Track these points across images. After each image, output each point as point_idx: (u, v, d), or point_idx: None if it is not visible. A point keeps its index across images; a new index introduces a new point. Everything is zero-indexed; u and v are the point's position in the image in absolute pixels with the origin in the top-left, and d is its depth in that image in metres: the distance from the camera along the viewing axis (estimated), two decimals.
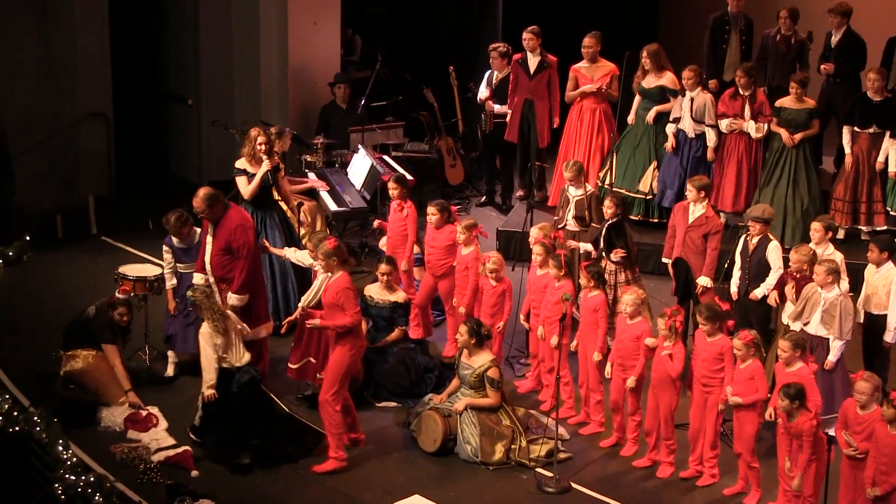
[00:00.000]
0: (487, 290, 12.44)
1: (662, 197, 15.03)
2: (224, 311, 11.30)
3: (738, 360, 10.62)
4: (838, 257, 11.75)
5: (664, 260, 13.02)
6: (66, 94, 17.01)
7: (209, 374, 11.04)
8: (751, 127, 14.44)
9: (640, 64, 15.06)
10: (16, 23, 16.46)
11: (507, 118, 16.06)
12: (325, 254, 11.13)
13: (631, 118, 15.41)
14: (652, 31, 19.18)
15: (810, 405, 10.07)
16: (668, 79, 15.01)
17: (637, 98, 15.30)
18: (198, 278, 11.99)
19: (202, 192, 12.06)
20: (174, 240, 12.52)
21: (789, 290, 11.58)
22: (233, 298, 11.77)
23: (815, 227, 11.92)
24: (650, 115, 15.03)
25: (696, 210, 12.61)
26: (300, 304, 11.74)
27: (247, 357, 11.22)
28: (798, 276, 11.57)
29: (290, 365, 12.10)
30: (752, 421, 10.60)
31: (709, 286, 12.44)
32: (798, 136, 14.40)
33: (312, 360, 11.94)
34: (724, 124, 14.56)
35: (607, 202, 12.93)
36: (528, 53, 15.75)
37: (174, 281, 12.53)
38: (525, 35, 15.69)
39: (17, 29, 16.48)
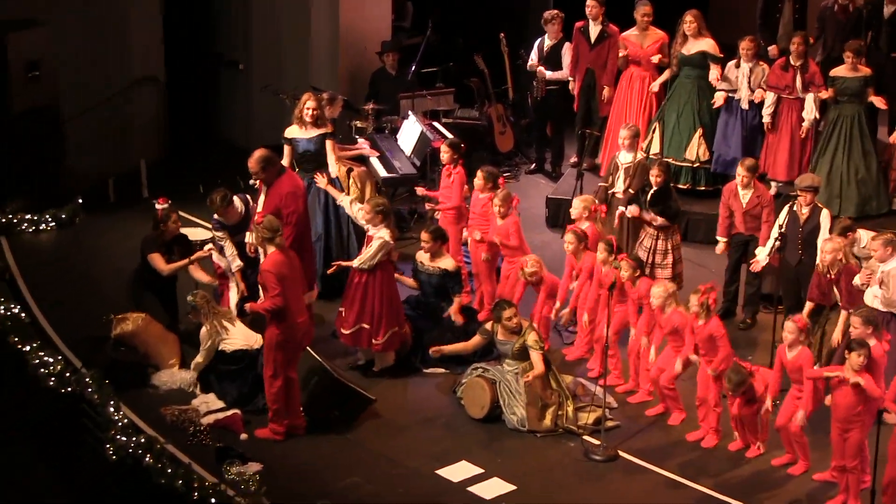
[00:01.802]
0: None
1: (720, 163, 14.88)
2: (222, 316, 11.66)
3: (786, 345, 10.57)
4: None
5: (719, 238, 12.97)
6: (119, 58, 17.08)
7: (201, 360, 11.67)
8: (808, 104, 14.25)
9: (681, 30, 14.95)
10: None
11: (570, 84, 15.98)
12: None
13: (659, 82, 15.28)
14: None
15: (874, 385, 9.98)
16: (708, 44, 14.89)
17: (674, 65, 15.15)
18: (248, 237, 12.09)
19: (257, 153, 12.14)
20: (220, 218, 12.52)
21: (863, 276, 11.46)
22: None
23: (875, 246, 11.41)
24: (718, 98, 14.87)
25: (747, 194, 12.60)
26: (354, 264, 11.89)
27: (261, 340, 11.36)
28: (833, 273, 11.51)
29: (343, 330, 12.15)
30: (802, 406, 10.56)
31: (765, 258, 12.42)
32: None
33: (366, 325, 12.00)
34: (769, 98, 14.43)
35: (654, 170, 12.90)
36: (591, 22, 15.65)
37: (239, 262, 12.39)
38: (589, 2, 15.56)
39: None
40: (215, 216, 12.42)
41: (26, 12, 15.41)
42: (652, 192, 12.84)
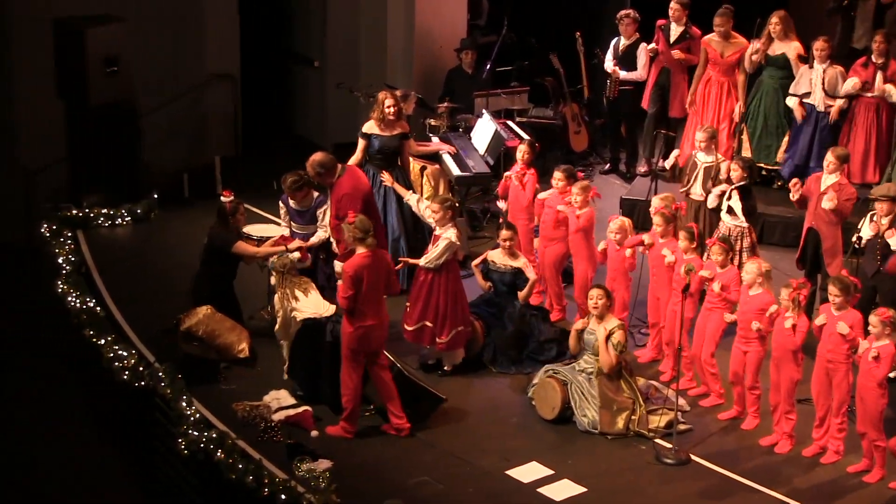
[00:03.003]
0: (611, 255, 12.42)
1: (787, 167, 14.76)
2: (296, 285, 11.63)
3: (872, 338, 10.47)
4: None
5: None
6: (195, 55, 17.25)
7: (280, 328, 11.68)
8: (890, 89, 14.06)
9: (766, 31, 14.82)
10: None
11: (645, 84, 15.95)
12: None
13: (741, 84, 15.15)
14: None
15: None
16: (794, 47, 14.75)
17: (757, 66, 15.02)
18: (321, 233, 12.18)
19: (313, 158, 12.27)
20: (290, 200, 12.66)
21: None
22: (338, 266, 11.94)
23: None
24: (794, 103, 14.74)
25: (829, 179, 12.45)
26: (420, 262, 11.92)
27: (332, 308, 11.42)
28: None
29: (406, 327, 12.19)
30: (878, 400, 10.45)
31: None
32: None
33: (429, 324, 12.03)
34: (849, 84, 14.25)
35: (733, 165, 12.84)
36: (673, 23, 15.58)
37: (322, 234, 12.58)
38: (673, 4, 15.49)
39: None
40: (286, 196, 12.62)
41: (105, 8, 15.58)
42: (732, 188, 12.74)
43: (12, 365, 13.41)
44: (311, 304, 11.67)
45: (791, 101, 14.61)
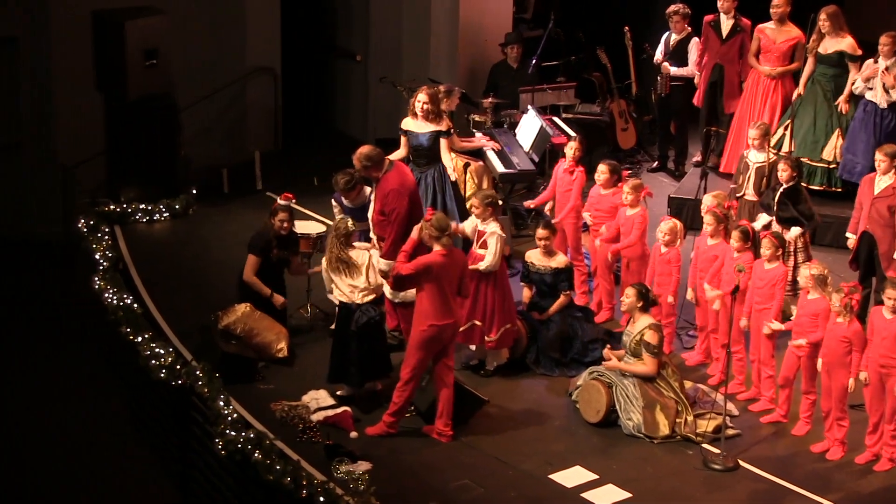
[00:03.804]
0: (656, 256, 12.37)
1: (846, 170, 14.62)
2: (341, 260, 11.64)
3: None
4: None
5: (848, 235, 12.77)
6: (235, 48, 17.31)
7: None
8: None
9: (817, 27, 14.71)
10: None
11: (695, 80, 15.88)
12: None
13: (802, 83, 15.05)
14: None
15: None
16: (846, 43, 14.63)
17: (810, 63, 14.94)
18: (363, 245, 12.21)
19: (360, 151, 12.24)
20: (344, 199, 12.71)
21: None
22: (381, 263, 11.94)
23: None
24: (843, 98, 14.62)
25: (883, 181, 12.34)
26: (481, 267, 11.89)
27: (368, 298, 11.46)
28: None
29: None
30: None
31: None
32: None
33: (478, 322, 12.01)
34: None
35: (782, 165, 12.77)
36: (722, 16, 15.50)
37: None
38: None
39: None
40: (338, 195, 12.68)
41: (145, 0, 15.65)
42: (782, 190, 12.67)
43: (48, 362, 13.48)
44: (345, 288, 11.70)
45: (856, 87, 14.45)
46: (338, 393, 11.64)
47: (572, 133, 15.04)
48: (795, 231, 12.64)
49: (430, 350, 11.00)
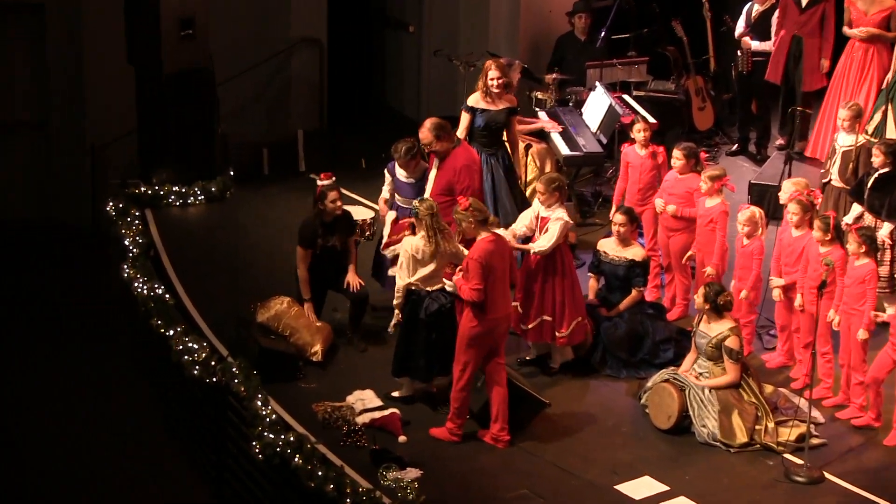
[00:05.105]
0: (737, 249, 12.28)
1: None
2: (443, 235, 11.39)
3: None
4: None
5: None
6: (278, 17, 17.35)
7: (398, 294, 11.41)
8: None
9: None
10: None
11: (771, 56, 15.78)
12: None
13: None
14: None
15: None
16: None
17: None
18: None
19: (429, 122, 12.23)
20: (399, 170, 12.61)
21: None
22: (447, 285, 11.90)
23: None
24: None
25: None
26: (532, 248, 11.88)
27: (439, 286, 11.41)
28: None
29: (523, 326, 12.13)
30: None
31: None
32: None
33: (548, 318, 11.98)
34: None
35: (875, 150, 12.64)
36: None
37: (393, 213, 12.61)
38: None
39: None
40: (397, 167, 12.56)
41: None
42: (875, 176, 12.53)
43: (76, 356, 13.58)
44: (427, 271, 11.51)
45: None
46: (394, 394, 11.62)
47: (644, 113, 14.93)
48: (887, 228, 12.48)
49: (482, 346, 10.97)
